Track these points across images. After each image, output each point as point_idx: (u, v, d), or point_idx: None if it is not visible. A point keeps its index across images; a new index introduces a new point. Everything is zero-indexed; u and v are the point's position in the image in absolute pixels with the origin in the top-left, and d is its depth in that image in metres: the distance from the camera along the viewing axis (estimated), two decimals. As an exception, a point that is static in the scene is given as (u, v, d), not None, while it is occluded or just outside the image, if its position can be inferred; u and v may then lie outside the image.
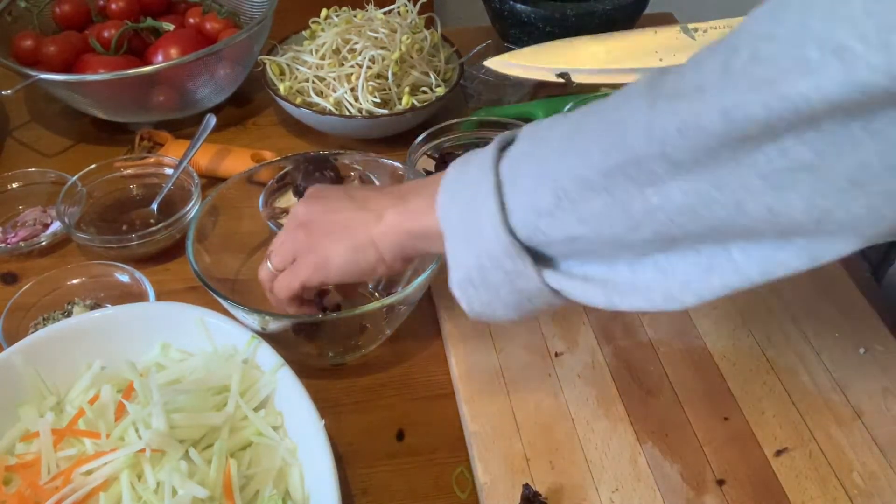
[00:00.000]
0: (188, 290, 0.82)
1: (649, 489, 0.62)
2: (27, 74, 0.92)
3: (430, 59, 1.02)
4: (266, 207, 0.82)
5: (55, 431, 0.60)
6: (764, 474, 0.63)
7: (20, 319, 0.76)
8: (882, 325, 0.74)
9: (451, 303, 0.77)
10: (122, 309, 0.69)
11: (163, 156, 0.94)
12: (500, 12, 1.06)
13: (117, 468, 0.57)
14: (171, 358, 0.66)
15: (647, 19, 1.14)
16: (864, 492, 0.61)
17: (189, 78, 0.97)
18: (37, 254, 0.87)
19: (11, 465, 0.59)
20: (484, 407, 0.68)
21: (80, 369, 0.65)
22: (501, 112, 1.00)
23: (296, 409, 0.61)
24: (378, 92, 0.96)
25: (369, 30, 0.99)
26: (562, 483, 0.62)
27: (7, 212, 0.91)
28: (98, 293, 0.79)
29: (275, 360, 0.63)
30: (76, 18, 1.07)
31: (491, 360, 0.72)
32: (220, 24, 1.06)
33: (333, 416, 0.69)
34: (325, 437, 0.58)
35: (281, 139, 1.03)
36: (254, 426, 0.61)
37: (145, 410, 0.59)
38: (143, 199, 0.91)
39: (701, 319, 0.75)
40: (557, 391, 0.69)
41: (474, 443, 0.65)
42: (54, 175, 0.93)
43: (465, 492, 0.64)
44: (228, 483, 0.57)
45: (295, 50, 1.03)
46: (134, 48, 1.04)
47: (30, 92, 1.09)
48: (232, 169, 0.95)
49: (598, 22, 1.02)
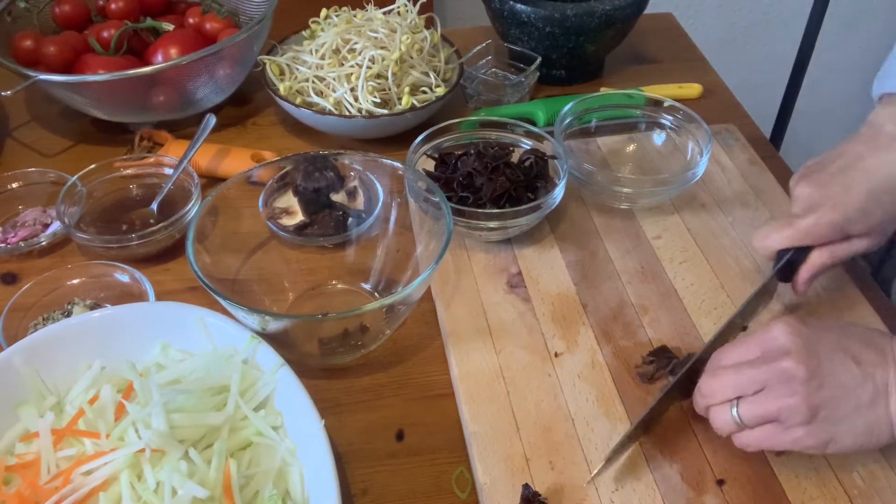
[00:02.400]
0: (188, 290, 0.82)
1: (649, 489, 0.62)
2: (27, 75, 0.92)
3: (430, 59, 1.02)
4: (266, 207, 0.82)
5: (55, 431, 0.60)
6: (764, 474, 0.63)
7: (20, 319, 0.76)
8: (882, 325, 0.74)
9: (451, 303, 0.77)
10: (122, 309, 0.68)
11: (163, 156, 0.94)
12: (500, 12, 1.06)
13: (117, 468, 0.57)
14: (171, 358, 0.66)
15: (647, 19, 1.14)
16: (863, 492, 0.61)
17: (189, 78, 0.97)
18: (37, 254, 0.87)
19: (11, 465, 0.59)
20: (484, 407, 0.68)
21: (80, 369, 0.65)
22: (501, 112, 1.00)
23: (296, 409, 0.61)
24: (378, 92, 0.96)
25: (369, 30, 0.99)
26: (562, 483, 0.62)
27: (7, 212, 0.91)
28: (98, 293, 0.79)
29: (275, 360, 0.63)
30: (76, 18, 1.07)
31: (491, 360, 0.72)
32: (220, 24, 1.06)
33: (333, 416, 0.69)
34: (325, 437, 0.58)
35: (281, 139, 1.03)
36: (254, 426, 0.61)
37: (145, 410, 0.59)
38: (143, 199, 0.91)
39: (701, 319, 0.75)
40: (557, 391, 0.69)
41: (474, 443, 0.65)
42: (54, 175, 0.93)
43: (465, 492, 0.64)
44: (228, 483, 0.57)
45: (295, 50, 1.03)
46: (134, 48, 1.04)
47: (30, 92, 1.09)
48: (232, 169, 0.95)
49: (598, 22, 1.02)
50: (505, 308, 0.77)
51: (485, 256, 0.82)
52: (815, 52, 1.86)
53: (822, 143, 2.17)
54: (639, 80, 1.11)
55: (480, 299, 0.77)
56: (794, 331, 0.58)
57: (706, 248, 0.82)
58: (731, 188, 0.90)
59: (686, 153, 0.90)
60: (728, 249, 0.82)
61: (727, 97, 1.11)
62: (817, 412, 0.56)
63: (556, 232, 0.85)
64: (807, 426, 0.56)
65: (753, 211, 0.87)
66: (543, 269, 0.81)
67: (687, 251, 0.82)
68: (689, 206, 0.87)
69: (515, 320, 0.75)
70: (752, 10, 2.09)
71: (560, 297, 0.77)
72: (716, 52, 1.30)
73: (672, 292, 0.78)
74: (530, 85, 1.06)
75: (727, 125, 0.99)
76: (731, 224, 0.85)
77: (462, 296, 0.78)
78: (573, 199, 0.87)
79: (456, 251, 0.83)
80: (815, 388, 0.56)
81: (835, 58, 2.13)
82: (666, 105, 0.92)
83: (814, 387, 0.56)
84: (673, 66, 1.17)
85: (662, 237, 0.84)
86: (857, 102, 2.13)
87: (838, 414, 0.56)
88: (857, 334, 0.59)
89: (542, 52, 1.05)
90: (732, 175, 0.91)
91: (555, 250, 0.83)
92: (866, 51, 2.16)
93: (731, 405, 0.59)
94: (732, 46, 2.11)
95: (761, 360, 0.58)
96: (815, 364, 0.57)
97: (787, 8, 2.06)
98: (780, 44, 2.04)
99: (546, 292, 0.78)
